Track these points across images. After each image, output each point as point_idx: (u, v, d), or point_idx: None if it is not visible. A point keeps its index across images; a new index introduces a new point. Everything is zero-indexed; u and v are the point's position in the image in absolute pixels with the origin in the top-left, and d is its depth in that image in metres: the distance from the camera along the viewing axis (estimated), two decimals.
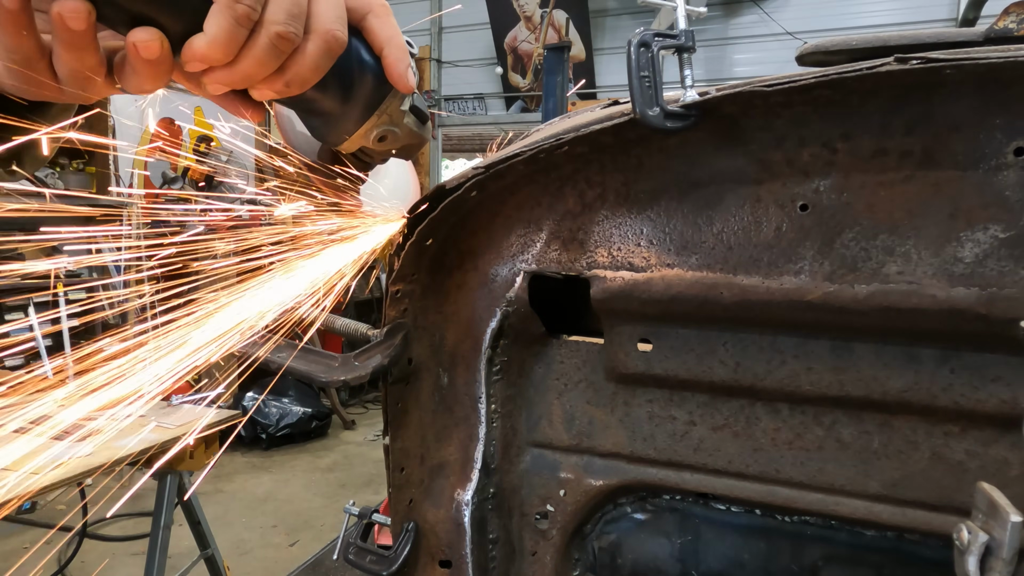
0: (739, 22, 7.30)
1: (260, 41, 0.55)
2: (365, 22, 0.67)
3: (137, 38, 0.53)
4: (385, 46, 0.68)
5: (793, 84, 0.74)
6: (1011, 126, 0.74)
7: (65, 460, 2.59)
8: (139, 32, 0.53)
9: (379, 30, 0.67)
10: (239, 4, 0.53)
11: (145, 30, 0.53)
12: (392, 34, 0.68)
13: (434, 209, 0.92)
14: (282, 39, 0.56)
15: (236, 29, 0.54)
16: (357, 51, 0.67)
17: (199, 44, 0.54)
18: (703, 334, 0.95)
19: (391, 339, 1.01)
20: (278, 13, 0.55)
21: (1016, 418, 0.72)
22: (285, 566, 4.25)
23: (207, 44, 0.54)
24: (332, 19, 0.59)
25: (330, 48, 0.60)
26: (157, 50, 0.53)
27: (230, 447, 6.07)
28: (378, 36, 0.67)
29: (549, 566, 1.12)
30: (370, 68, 0.68)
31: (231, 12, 0.53)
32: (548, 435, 1.10)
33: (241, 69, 0.57)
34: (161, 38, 0.53)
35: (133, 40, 0.53)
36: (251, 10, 0.54)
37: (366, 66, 0.68)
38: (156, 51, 0.53)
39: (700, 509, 1.08)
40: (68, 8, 0.51)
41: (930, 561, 0.94)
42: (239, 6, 0.53)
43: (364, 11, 0.66)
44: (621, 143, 0.89)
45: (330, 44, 0.60)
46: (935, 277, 0.79)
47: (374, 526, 1.18)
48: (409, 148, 0.78)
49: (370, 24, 0.67)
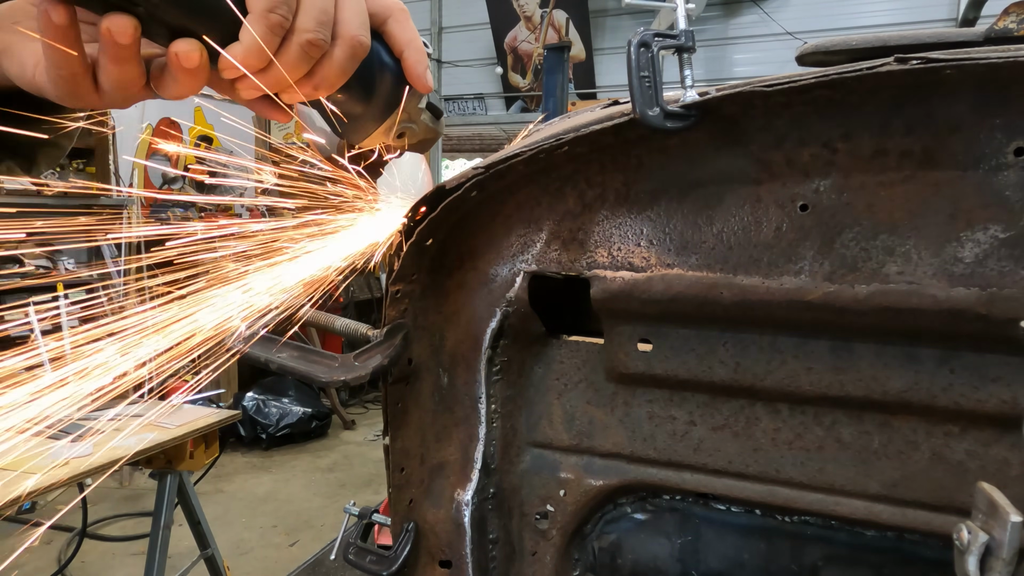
0: (739, 22, 7.31)
1: (292, 48, 0.59)
2: (386, 26, 0.70)
3: (179, 49, 0.56)
4: (405, 49, 0.72)
5: (793, 84, 0.74)
6: (1011, 126, 0.74)
7: (65, 460, 2.59)
8: (180, 43, 0.56)
9: (399, 34, 0.71)
10: (272, 14, 0.56)
11: (186, 41, 0.56)
12: (411, 37, 0.72)
13: (434, 209, 0.92)
14: (312, 46, 0.60)
15: (270, 38, 0.57)
16: (379, 54, 0.70)
17: (236, 53, 0.58)
18: (703, 334, 0.95)
19: (391, 339, 1.01)
20: (308, 21, 0.59)
21: (1016, 418, 0.72)
22: (285, 566, 4.25)
23: (243, 52, 0.57)
24: (357, 25, 0.63)
25: (355, 52, 0.63)
26: (197, 60, 0.57)
27: (230, 447, 6.07)
28: (398, 39, 0.71)
29: (549, 566, 1.12)
30: (391, 69, 0.72)
31: (265, 21, 0.57)
32: (548, 435, 1.10)
33: (274, 75, 0.60)
34: (201, 48, 0.57)
35: (175, 51, 0.57)
36: (284, 19, 0.57)
37: (387, 68, 0.72)
38: (196, 61, 0.57)
39: (700, 509, 1.08)
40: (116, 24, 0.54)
41: (930, 561, 0.94)
42: (272, 16, 0.57)
43: (385, 15, 0.70)
44: (621, 143, 0.89)
45: (355, 49, 0.63)
46: (935, 277, 0.79)
47: (374, 526, 1.18)
48: (424, 143, 0.82)
49: (390, 28, 0.71)
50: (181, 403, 3.26)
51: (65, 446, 2.71)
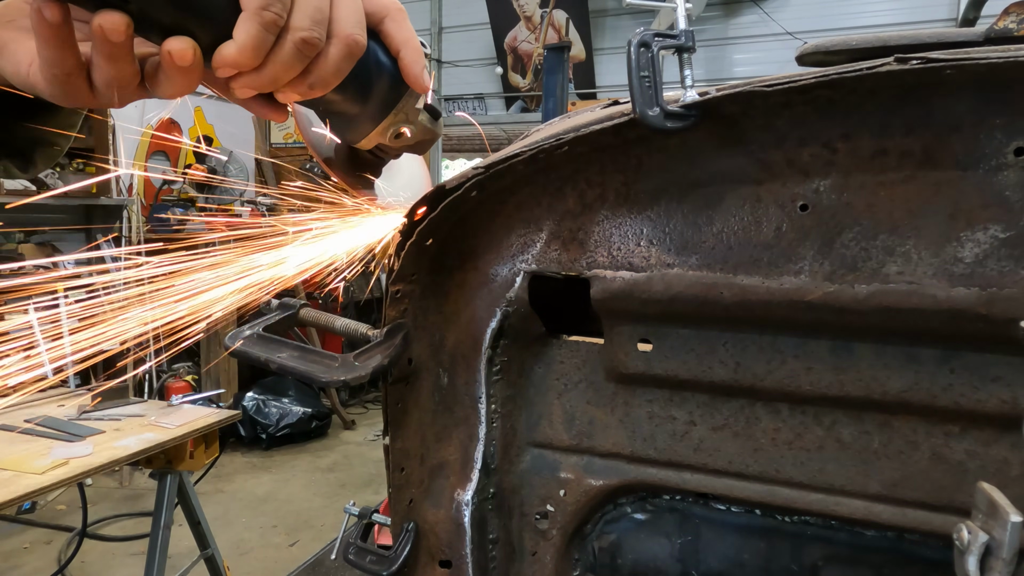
0: (739, 22, 7.30)
1: (286, 46, 0.59)
2: (382, 25, 0.70)
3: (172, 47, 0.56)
4: (402, 48, 0.71)
5: (793, 84, 0.74)
6: (1011, 126, 0.74)
7: (65, 460, 2.59)
8: (173, 41, 0.56)
9: (396, 33, 0.71)
10: (266, 12, 0.56)
11: (179, 39, 0.56)
12: (408, 37, 0.71)
13: (434, 209, 0.92)
14: (307, 44, 0.59)
15: (264, 36, 0.57)
16: (375, 54, 0.70)
17: (229, 51, 0.57)
18: (703, 334, 0.95)
19: (391, 339, 1.01)
20: (303, 19, 0.58)
21: (1016, 418, 0.72)
22: (285, 566, 4.25)
23: (237, 50, 0.57)
24: (352, 24, 0.62)
25: (351, 51, 0.63)
26: (190, 58, 0.56)
27: (230, 447, 6.07)
28: (395, 39, 0.71)
29: (549, 566, 1.12)
30: (387, 70, 0.72)
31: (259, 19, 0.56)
32: (548, 435, 1.10)
33: (268, 73, 0.60)
34: (194, 46, 0.56)
35: (168, 49, 0.56)
36: (278, 17, 0.57)
37: (384, 68, 0.71)
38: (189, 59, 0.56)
39: (700, 509, 1.08)
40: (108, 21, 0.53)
41: (930, 561, 0.94)
42: (266, 13, 0.56)
43: (381, 15, 0.70)
44: (621, 143, 0.89)
45: (351, 48, 0.62)
46: (935, 277, 0.79)
47: (374, 526, 1.18)
48: (422, 144, 0.82)
49: (387, 27, 0.70)
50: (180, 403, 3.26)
51: (65, 446, 2.71)
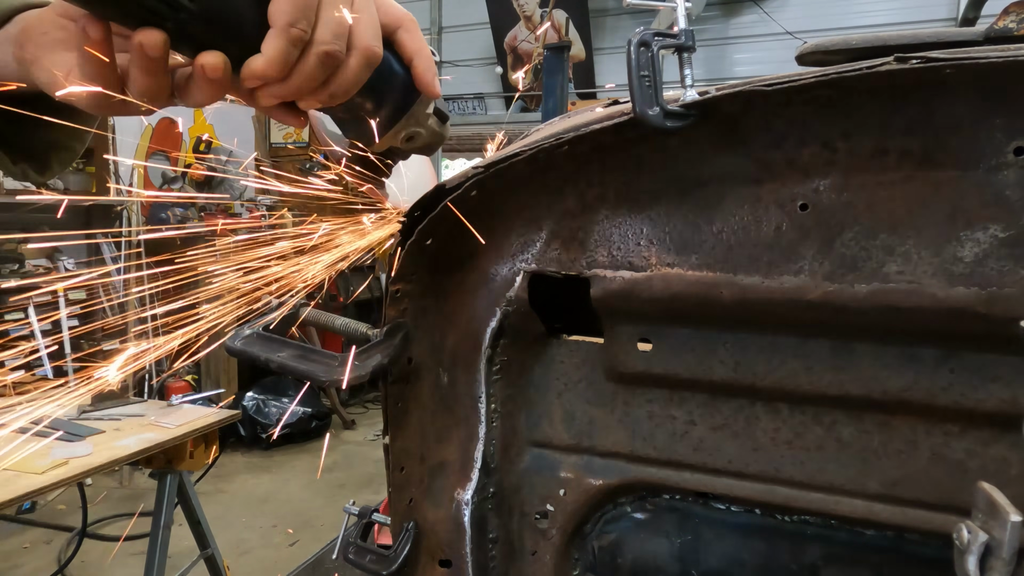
0: (739, 22, 7.31)
1: (310, 59, 0.63)
2: (396, 35, 0.74)
3: (205, 61, 0.60)
4: (414, 57, 0.76)
5: (793, 84, 0.75)
6: (1011, 126, 0.74)
7: (65, 460, 2.59)
8: (207, 56, 0.60)
9: (408, 43, 0.75)
10: (294, 29, 0.60)
11: (211, 54, 0.60)
12: (420, 46, 0.76)
13: (434, 209, 0.93)
14: (329, 56, 0.63)
15: (291, 50, 0.61)
16: (389, 62, 0.74)
17: (258, 64, 0.61)
18: (703, 334, 0.95)
19: (391, 339, 1.01)
20: (326, 34, 0.62)
21: (1016, 418, 0.72)
22: (285, 566, 4.25)
23: (265, 64, 0.61)
24: (370, 36, 0.66)
25: (369, 62, 0.67)
26: (221, 71, 0.61)
27: (230, 447, 6.07)
28: (408, 48, 0.75)
29: (549, 566, 1.12)
30: (401, 77, 0.76)
31: (287, 36, 0.60)
32: (548, 435, 1.10)
33: (293, 84, 0.64)
34: (225, 61, 0.60)
35: (201, 63, 0.60)
36: (304, 33, 0.61)
37: (397, 76, 0.76)
38: (221, 72, 0.61)
39: (700, 509, 1.08)
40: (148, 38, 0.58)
41: (930, 561, 0.94)
42: (294, 30, 0.60)
43: (395, 26, 0.74)
44: (621, 142, 0.89)
45: (369, 58, 0.67)
46: (935, 277, 0.79)
47: (374, 526, 1.18)
48: (431, 145, 0.87)
49: (400, 38, 0.74)
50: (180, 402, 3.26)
51: (65, 446, 2.71)
